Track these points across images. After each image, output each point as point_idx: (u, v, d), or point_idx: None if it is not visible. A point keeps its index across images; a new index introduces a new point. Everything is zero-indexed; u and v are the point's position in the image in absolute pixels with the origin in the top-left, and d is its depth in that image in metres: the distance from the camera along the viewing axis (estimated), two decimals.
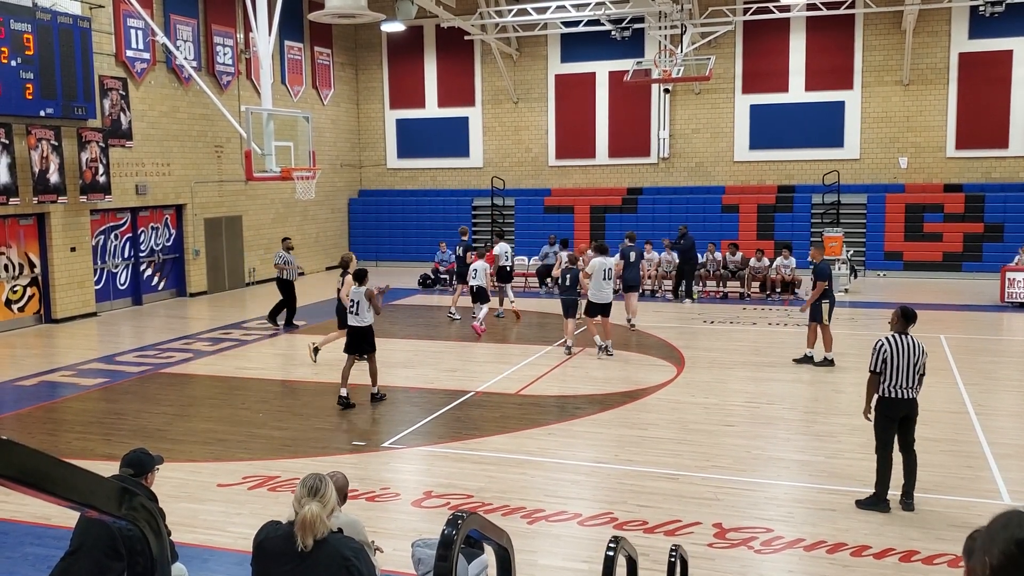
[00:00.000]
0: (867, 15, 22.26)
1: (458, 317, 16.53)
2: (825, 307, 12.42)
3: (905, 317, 7.32)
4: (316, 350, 12.93)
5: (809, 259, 13.23)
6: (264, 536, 3.71)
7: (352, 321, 10.59)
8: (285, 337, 15.30)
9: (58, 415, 10.60)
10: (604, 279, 13.03)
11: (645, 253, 18.59)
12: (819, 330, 12.52)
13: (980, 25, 21.58)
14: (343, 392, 10.56)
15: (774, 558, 6.39)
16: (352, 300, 10.54)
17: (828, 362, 12.45)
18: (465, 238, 18.22)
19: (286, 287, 15.80)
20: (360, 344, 10.60)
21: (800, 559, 6.35)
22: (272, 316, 16.02)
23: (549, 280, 20.27)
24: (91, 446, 9.22)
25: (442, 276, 21.59)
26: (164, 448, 9.06)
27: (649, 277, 19.38)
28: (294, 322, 15.93)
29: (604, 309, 13.17)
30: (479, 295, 15.23)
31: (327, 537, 3.56)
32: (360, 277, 10.52)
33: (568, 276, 13.36)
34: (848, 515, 7.08)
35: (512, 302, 16.69)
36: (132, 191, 18.58)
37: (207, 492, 7.81)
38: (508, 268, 17.03)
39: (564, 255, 15.37)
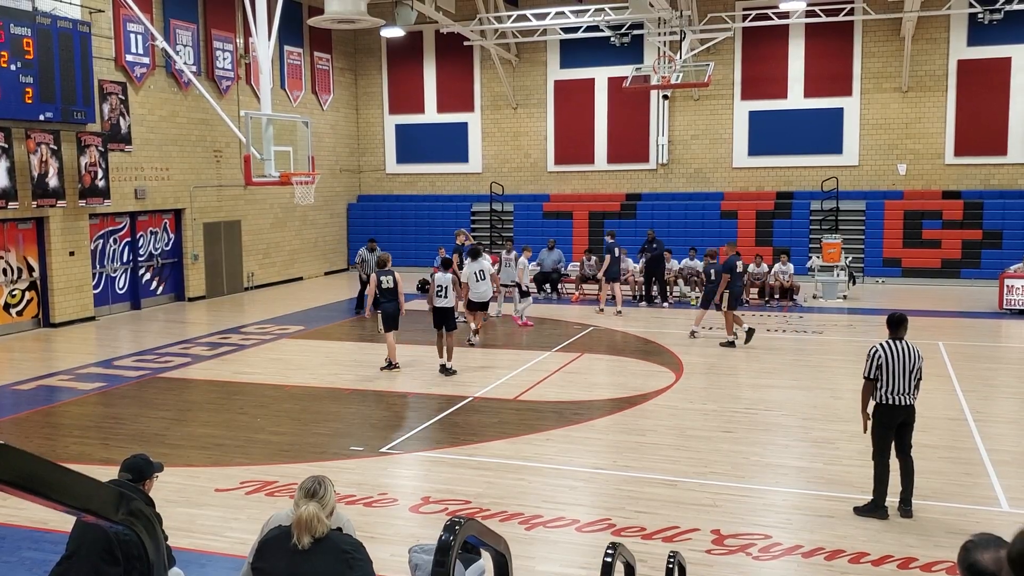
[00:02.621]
0: (866, 22, 22.31)
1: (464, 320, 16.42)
2: (727, 296, 14.33)
3: (889, 324, 7.30)
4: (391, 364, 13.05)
5: (721, 256, 14.89)
6: (267, 535, 3.79)
7: (438, 303, 12.67)
8: (284, 342, 15.29)
9: (56, 419, 10.59)
10: (477, 280, 14.31)
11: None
12: (727, 316, 14.40)
13: (979, 32, 21.63)
14: (444, 362, 12.57)
15: (772, 565, 6.38)
16: (440, 285, 12.68)
17: (730, 344, 14.29)
18: (466, 241, 17.93)
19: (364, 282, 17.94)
20: (445, 321, 12.63)
21: (798, 566, 6.35)
22: (359, 305, 18.35)
23: (547, 286, 20.42)
24: (89, 451, 9.20)
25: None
26: (162, 453, 9.06)
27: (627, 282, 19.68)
28: (362, 309, 17.79)
29: (482, 306, 14.67)
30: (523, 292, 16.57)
31: (328, 535, 3.64)
32: (447, 265, 12.93)
33: (712, 271, 14.95)
34: (846, 522, 7.08)
35: (485, 319, 16.05)
36: (131, 195, 18.59)
37: (205, 497, 7.80)
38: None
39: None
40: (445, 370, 12.54)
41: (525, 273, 17.21)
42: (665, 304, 18.85)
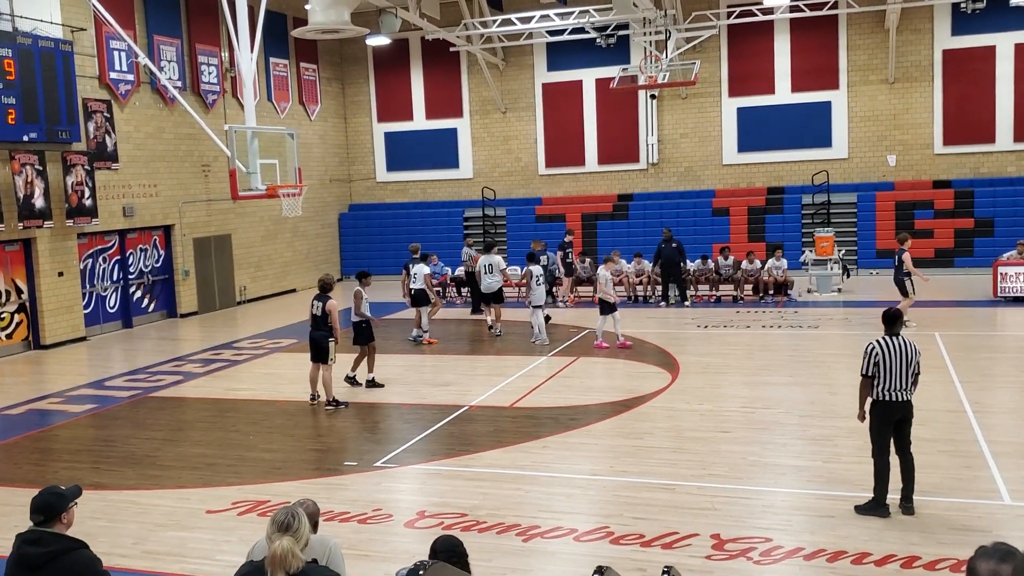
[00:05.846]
0: (850, 15, 22.28)
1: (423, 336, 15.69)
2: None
3: (885, 320, 7.24)
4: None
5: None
6: (239, 572, 3.66)
7: (355, 318, 12.53)
8: (277, 356, 15.17)
9: (46, 444, 10.46)
10: (486, 273, 16.11)
11: (635, 264, 19.50)
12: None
13: (962, 22, 21.62)
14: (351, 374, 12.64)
15: (774, 569, 6.29)
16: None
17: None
18: (415, 254, 17.05)
19: (471, 279, 18.21)
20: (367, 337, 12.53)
21: (800, 569, 6.25)
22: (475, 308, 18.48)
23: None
24: (80, 475, 9.06)
25: (435, 289, 21.42)
26: (153, 475, 8.96)
27: (641, 284, 19.46)
28: (480, 308, 17.85)
29: (497, 299, 16.06)
30: (604, 308, 14.36)
31: (304, 569, 3.50)
32: (361, 278, 12.90)
33: (896, 258, 15.06)
34: (847, 521, 6.98)
35: (426, 331, 15.55)
36: (119, 213, 18.46)
37: (196, 519, 7.68)
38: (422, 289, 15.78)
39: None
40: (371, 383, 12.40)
41: (608, 285, 14.38)
42: (685, 303, 18.64)
